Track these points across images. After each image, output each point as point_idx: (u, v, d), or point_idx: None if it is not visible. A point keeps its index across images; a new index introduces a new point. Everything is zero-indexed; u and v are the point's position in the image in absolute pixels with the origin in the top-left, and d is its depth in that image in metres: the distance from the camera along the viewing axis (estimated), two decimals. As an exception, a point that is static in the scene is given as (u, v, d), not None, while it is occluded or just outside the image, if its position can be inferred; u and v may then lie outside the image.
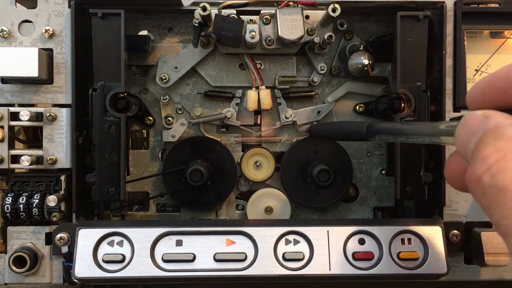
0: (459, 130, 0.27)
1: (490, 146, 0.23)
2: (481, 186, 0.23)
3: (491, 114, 0.25)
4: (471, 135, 0.25)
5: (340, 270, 0.51)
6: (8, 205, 0.55)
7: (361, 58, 0.58)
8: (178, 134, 0.62)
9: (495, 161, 0.22)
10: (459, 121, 0.27)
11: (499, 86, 0.27)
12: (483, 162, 0.23)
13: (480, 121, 0.25)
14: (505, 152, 0.22)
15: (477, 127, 0.25)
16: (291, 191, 0.63)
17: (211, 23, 0.56)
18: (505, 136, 0.23)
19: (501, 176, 0.22)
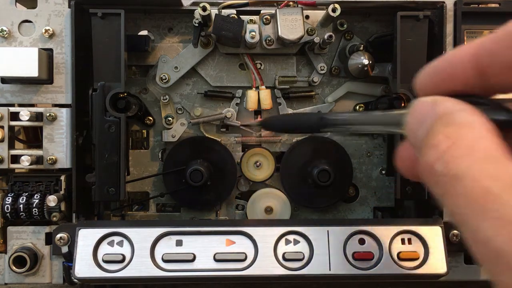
0: (408, 118, 0.26)
1: (440, 133, 0.22)
2: (434, 174, 0.22)
3: (440, 100, 0.24)
4: (420, 122, 0.24)
5: (340, 270, 0.51)
6: (8, 205, 0.55)
7: (361, 58, 0.58)
8: (178, 134, 0.62)
9: (447, 148, 0.21)
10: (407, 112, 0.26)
11: (446, 72, 0.26)
12: (434, 150, 0.22)
13: (429, 107, 0.24)
14: (456, 139, 0.22)
15: (426, 114, 0.24)
16: (291, 191, 0.63)
17: (211, 23, 0.56)
18: (455, 122, 0.22)
19: (454, 164, 0.21)
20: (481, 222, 0.19)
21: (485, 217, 0.19)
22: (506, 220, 0.19)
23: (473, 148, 0.21)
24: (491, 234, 0.19)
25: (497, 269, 0.19)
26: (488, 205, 0.19)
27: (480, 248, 0.20)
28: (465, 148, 0.21)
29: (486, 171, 0.20)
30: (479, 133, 0.21)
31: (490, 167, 0.20)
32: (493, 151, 0.21)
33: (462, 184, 0.20)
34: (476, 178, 0.20)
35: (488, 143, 0.21)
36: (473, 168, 0.20)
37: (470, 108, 0.23)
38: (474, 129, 0.22)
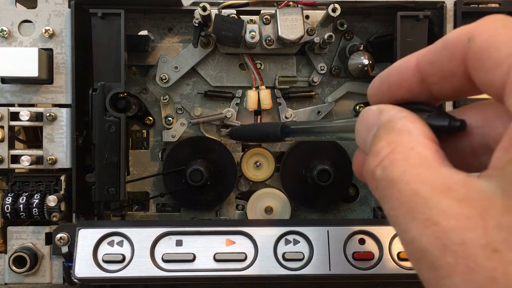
0: (357, 126, 0.27)
1: (382, 140, 0.23)
2: (375, 179, 0.23)
3: (385, 108, 0.25)
4: (368, 130, 0.25)
5: (340, 270, 0.51)
6: (8, 205, 0.55)
7: (361, 58, 0.58)
8: (178, 134, 0.62)
9: (386, 155, 0.22)
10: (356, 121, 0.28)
11: (392, 80, 0.27)
12: (376, 156, 0.23)
13: (375, 115, 0.25)
14: (396, 145, 0.22)
15: (373, 121, 0.25)
16: (291, 191, 0.63)
17: (211, 23, 0.56)
18: (396, 129, 0.23)
19: (391, 169, 0.22)
20: (409, 223, 0.20)
21: (413, 218, 0.20)
22: (431, 221, 0.19)
23: (409, 154, 0.22)
24: (416, 234, 0.20)
25: (422, 267, 0.20)
26: (416, 207, 0.20)
27: (408, 247, 0.21)
28: (402, 154, 0.22)
29: (418, 176, 0.21)
30: (417, 140, 0.22)
31: (423, 171, 0.21)
32: (427, 157, 0.21)
33: (396, 187, 0.21)
34: (409, 182, 0.21)
35: (424, 149, 0.22)
36: (407, 173, 0.21)
37: (411, 115, 0.24)
38: (412, 136, 0.23)
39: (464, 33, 0.23)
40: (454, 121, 0.24)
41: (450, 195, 0.20)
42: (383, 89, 0.28)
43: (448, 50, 0.24)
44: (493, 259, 0.18)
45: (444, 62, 0.24)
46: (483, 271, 0.18)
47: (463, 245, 0.18)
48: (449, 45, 0.24)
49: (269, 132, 0.44)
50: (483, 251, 0.18)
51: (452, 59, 0.23)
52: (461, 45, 0.23)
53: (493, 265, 0.18)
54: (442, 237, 0.19)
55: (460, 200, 0.19)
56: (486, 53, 0.21)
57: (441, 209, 0.19)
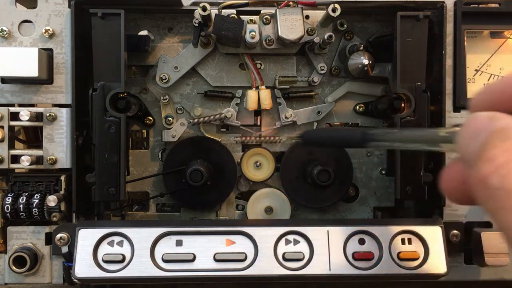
0: (462, 131, 0.26)
1: (497, 146, 0.22)
2: (488, 188, 0.22)
3: (497, 116, 0.24)
4: (475, 136, 0.24)
5: (340, 270, 0.51)
6: (8, 205, 0.55)
7: (361, 58, 0.58)
8: (178, 134, 0.62)
9: (504, 162, 0.21)
10: (459, 127, 0.26)
11: (504, 92, 0.26)
12: (491, 162, 0.22)
13: (486, 122, 0.24)
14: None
15: (482, 128, 0.24)
16: (291, 191, 0.63)
17: (211, 23, 0.56)
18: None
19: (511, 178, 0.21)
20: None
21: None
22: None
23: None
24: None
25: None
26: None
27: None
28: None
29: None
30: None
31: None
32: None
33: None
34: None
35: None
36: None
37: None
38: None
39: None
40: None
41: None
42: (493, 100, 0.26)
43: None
44: None
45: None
46: None
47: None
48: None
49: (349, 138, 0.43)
50: None
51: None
52: None
53: None
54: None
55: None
56: None
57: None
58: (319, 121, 0.64)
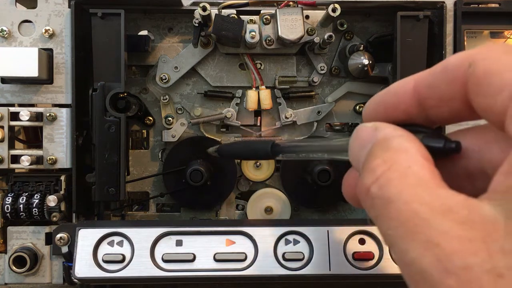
0: (351, 143, 0.27)
1: (378, 157, 0.23)
2: (370, 197, 0.22)
3: (380, 126, 0.25)
4: (362, 147, 0.25)
5: (340, 270, 0.51)
6: (8, 205, 0.55)
7: (361, 58, 0.58)
8: (178, 134, 0.62)
9: (383, 172, 0.22)
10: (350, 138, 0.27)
11: (389, 102, 0.27)
12: (372, 173, 0.23)
13: (370, 133, 0.25)
14: (392, 163, 0.22)
15: (367, 139, 0.25)
16: (291, 191, 0.63)
17: (211, 23, 0.56)
18: (392, 147, 0.23)
19: (388, 187, 0.21)
20: (408, 244, 0.20)
21: (413, 239, 0.20)
22: (432, 243, 0.19)
23: (406, 173, 0.21)
24: (417, 256, 0.19)
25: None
26: (416, 228, 0.20)
27: (406, 269, 0.20)
28: (399, 172, 0.22)
29: (416, 196, 0.20)
30: (414, 159, 0.22)
31: (421, 191, 0.21)
32: (425, 177, 0.21)
33: (394, 207, 0.21)
34: (407, 201, 0.20)
35: (421, 169, 0.22)
36: (405, 192, 0.21)
37: (408, 134, 0.24)
38: (408, 155, 0.22)
39: (465, 58, 0.23)
40: (449, 142, 0.24)
41: (451, 217, 0.19)
42: (379, 110, 0.27)
43: (448, 74, 0.23)
44: (497, 284, 0.17)
45: (443, 86, 0.24)
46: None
47: (466, 269, 0.18)
48: (449, 69, 0.23)
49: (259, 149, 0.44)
50: (488, 276, 0.18)
51: (451, 84, 0.23)
52: (461, 70, 0.23)
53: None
54: (443, 260, 0.19)
55: (461, 222, 0.19)
56: (487, 79, 0.21)
57: (442, 230, 0.19)
58: (319, 121, 0.64)
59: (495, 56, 0.21)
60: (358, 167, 0.26)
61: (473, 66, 0.22)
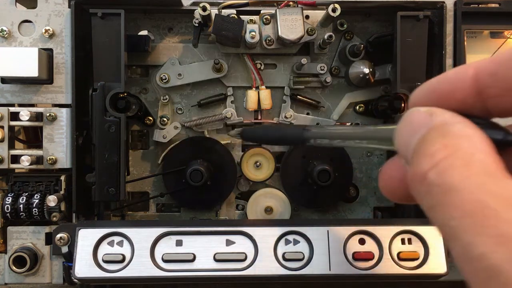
0: (400, 127, 0.25)
1: (437, 142, 0.22)
2: (427, 184, 0.21)
3: (437, 111, 0.24)
4: (414, 132, 0.23)
5: (340, 270, 0.51)
6: (8, 205, 0.55)
7: (361, 68, 0.59)
8: (169, 136, 0.62)
9: (443, 158, 0.21)
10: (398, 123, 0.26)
11: (445, 89, 0.25)
12: (430, 158, 0.21)
13: (425, 117, 0.23)
14: (454, 149, 0.21)
15: (421, 123, 0.23)
16: (291, 191, 0.63)
17: (211, 23, 0.56)
18: (452, 133, 0.22)
19: (450, 174, 0.20)
20: (476, 237, 0.19)
21: (482, 232, 0.18)
22: (506, 238, 0.18)
23: (471, 160, 0.20)
24: (487, 251, 0.18)
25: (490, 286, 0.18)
26: (486, 221, 0.18)
27: (472, 264, 0.19)
28: (463, 159, 0.20)
29: (484, 185, 0.19)
30: (478, 146, 0.21)
31: (488, 181, 0.19)
32: (491, 166, 0.20)
33: (458, 195, 0.20)
34: (473, 191, 0.19)
35: (486, 157, 0.20)
36: (470, 181, 0.20)
37: (467, 121, 0.23)
38: (472, 142, 0.21)
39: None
40: (509, 135, 0.23)
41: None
42: (431, 97, 0.26)
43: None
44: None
45: (508, 74, 0.23)
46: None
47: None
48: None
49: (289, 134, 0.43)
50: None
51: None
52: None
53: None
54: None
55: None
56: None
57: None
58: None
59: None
60: (407, 154, 0.24)
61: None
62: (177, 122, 0.62)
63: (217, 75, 0.61)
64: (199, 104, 0.63)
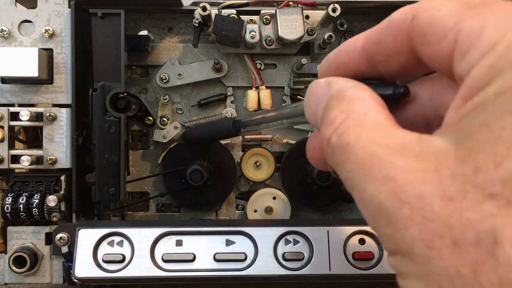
0: (306, 101, 0.28)
1: (335, 109, 0.24)
2: (331, 146, 0.23)
3: (333, 80, 0.26)
4: (317, 102, 0.26)
5: (340, 270, 0.51)
6: (8, 205, 0.55)
7: None
8: (169, 136, 0.62)
9: (341, 122, 0.23)
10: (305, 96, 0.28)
11: (341, 60, 0.28)
12: (331, 124, 0.24)
13: (324, 87, 0.26)
14: (349, 113, 0.23)
15: (322, 94, 0.26)
16: (291, 191, 0.63)
17: (211, 23, 0.56)
18: (347, 97, 0.24)
19: (346, 135, 0.22)
20: (366, 183, 0.21)
21: (370, 177, 0.21)
22: (388, 178, 0.20)
23: (363, 119, 0.23)
24: (373, 192, 0.20)
25: (380, 224, 0.20)
26: (373, 167, 0.21)
27: (366, 207, 0.21)
28: (356, 120, 0.23)
29: (373, 138, 0.21)
30: (369, 106, 0.23)
31: (377, 134, 0.22)
32: (380, 121, 0.22)
33: (352, 151, 0.22)
34: (364, 145, 0.22)
35: (376, 114, 0.23)
36: (362, 137, 0.22)
37: (361, 84, 0.25)
38: (363, 102, 0.23)
39: (408, 12, 0.24)
40: (398, 88, 0.26)
41: (405, 153, 0.20)
42: (331, 68, 0.28)
43: (394, 29, 0.24)
44: (448, 207, 0.18)
45: (390, 41, 0.25)
46: (439, 219, 0.18)
47: (419, 197, 0.19)
48: (394, 24, 0.24)
49: (222, 128, 0.44)
50: (439, 201, 0.18)
51: (397, 38, 0.24)
52: (406, 23, 0.24)
53: (449, 212, 0.18)
54: (398, 192, 0.19)
55: (415, 156, 0.20)
56: (431, 28, 0.22)
57: (397, 166, 0.20)
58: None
59: (437, 5, 0.22)
60: (316, 123, 0.26)
61: (416, 18, 0.23)
62: (177, 122, 0.62)
63: (217, 75, 0.62)
64: (199, 104, 0.63)
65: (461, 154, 0.19)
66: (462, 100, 0.20)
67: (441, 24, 0.22)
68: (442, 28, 0.22)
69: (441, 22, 0.22)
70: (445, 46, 0.21)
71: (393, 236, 0.20)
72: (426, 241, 0.18)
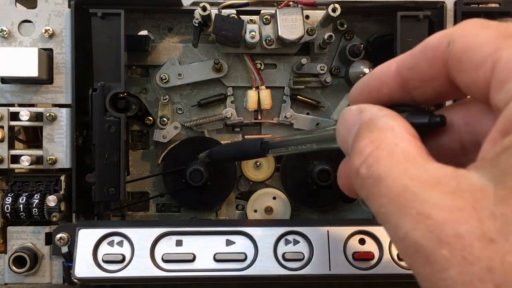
0: (338, 127, 0.27)
1: (365, 138, 0.23)
2: (360, 177, 0.23)
3: (365, 108, 0.25)
4: (349, 130, 0.25)
5: (340, 270, 0.51)
6: (8, 205, 0.55)
7: (361, 68, 0.59)
8: (169, 136, 0.62)
9: (370, 152, 0.22)
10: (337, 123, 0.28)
11: (373, 85, 0.27)
12: (360, 154, 0.23)
13: (355, 115, 0.25)
14: (380, 143, 0.23)
15: (353, 121, 0.25)
16: (291, 191, 0.63)
17: (211, 23, 0.56)
18: (378, 127, 0.24)
19: (376, 166, 0.22)
20: (400, 219, 0.20)
21: (404, 213, 0.20)
22: (423, 215, 0.19)
23: (394, 150, 0.22)
24: (409, 229, 0.20)
25: (417, 263, 0.20)
26: (407, 203, 0.20)
27: (401, 244, 0.20)
28: (386, 151, 0.22)
29: (405, 171, 0.21)
30: (400, 136, 0.23)
31: (409, 167, 0.21)
32: (412, 152, 0.22)
33: (384, 184, 0.21)
34: (396, 177, 0.21)
35: (408, 145, 0.22)
36: (394, 169, 0.21)
37: (392, 113, 0.24)
38: (394, 133, 0.23)
39: (444, 37, 0.23)
40: (433, 117, 0.25)
41: (439, 188, 0.20)
42: (363, 94, 0.28)
43: (428, 54, 0.24)
44: (489, 249, 0.18)
45: (425, 67, 0.24)
46: (480, 262, 0.18)
47: (457, 237, 0.18)
48: (429, 50, 0.24)
49: (249, 149, 0.44)
50: (479, 242, 0.18)
51: (433, 63, 0.24)
52: (441, 49, 0.23)
53: (490, 255, 0.17)
54: (435, 231, 0.19)
55: (450, 192, 0.19)
56: (467, 54, 0.22)
57: (432, 202, 0.19)
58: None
59: (473, 31, 0.22)
60: (347, 151, 0.26)
61: (452, 44, 0.22)
62: (177, 122, 0.62)
63: (217, 75, 0.62)
64: (199, 104, 0.63)
65: (500, 193, 0.18)
66: (500, 134, 0.20)
67: (478, 52, 0.21)
68: (479, 56, 0.21)
69: (478, 49, 0.21)
70: (482, 75, 0.21)
71: (432, 276, 0.19)
72: (467, 285, 0.18)
